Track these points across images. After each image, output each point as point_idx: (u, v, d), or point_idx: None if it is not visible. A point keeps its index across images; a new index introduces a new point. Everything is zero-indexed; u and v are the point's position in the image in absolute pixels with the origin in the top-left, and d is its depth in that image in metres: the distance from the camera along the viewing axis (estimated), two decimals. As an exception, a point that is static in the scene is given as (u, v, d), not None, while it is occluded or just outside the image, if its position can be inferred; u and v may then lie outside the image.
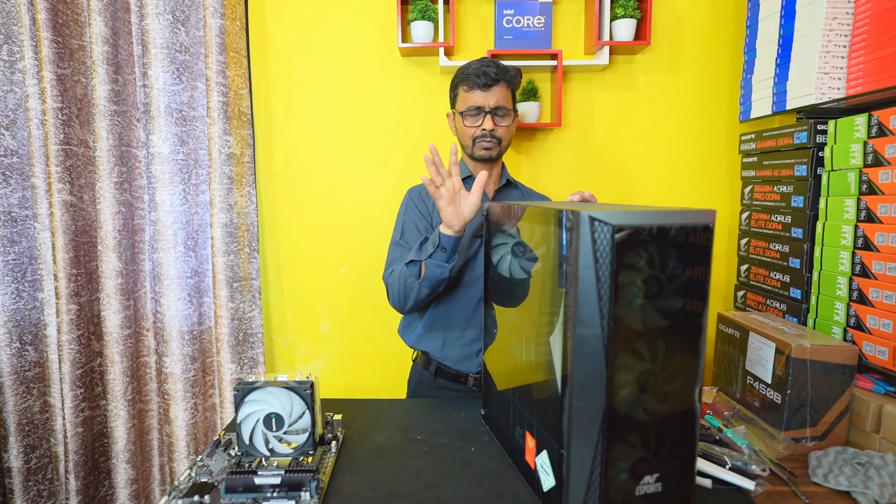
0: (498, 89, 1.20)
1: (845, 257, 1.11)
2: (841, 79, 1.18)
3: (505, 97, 1.22)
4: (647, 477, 0.69)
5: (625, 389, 0.67)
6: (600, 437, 0.67)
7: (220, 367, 1.63)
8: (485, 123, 1.21)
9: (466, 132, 1.24)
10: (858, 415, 0.98)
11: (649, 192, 1.70)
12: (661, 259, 0.65)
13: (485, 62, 1.21)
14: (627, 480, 0.69)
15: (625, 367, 0.66)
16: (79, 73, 1.55)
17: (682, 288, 0.67)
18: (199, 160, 1.63)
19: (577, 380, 0.66)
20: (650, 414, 0.68)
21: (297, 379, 0.88)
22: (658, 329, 0.67)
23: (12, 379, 1.55)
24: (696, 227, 0.67)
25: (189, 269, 1.64)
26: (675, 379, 0.69)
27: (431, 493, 0.80)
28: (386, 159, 1.68)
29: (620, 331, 0.65)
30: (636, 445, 0.68)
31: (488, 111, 1.20)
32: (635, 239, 0.63)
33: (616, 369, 0.66)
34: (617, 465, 0.68)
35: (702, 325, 0.69)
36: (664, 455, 0.70)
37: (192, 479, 0.83)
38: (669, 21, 1.63)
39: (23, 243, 1.57)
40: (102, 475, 1.67)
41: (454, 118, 1.29)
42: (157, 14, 1.51)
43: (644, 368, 0.67)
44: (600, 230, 0.63)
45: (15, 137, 1.54)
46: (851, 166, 1.10)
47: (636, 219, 0.64)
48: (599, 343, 0.65)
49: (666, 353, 0.68)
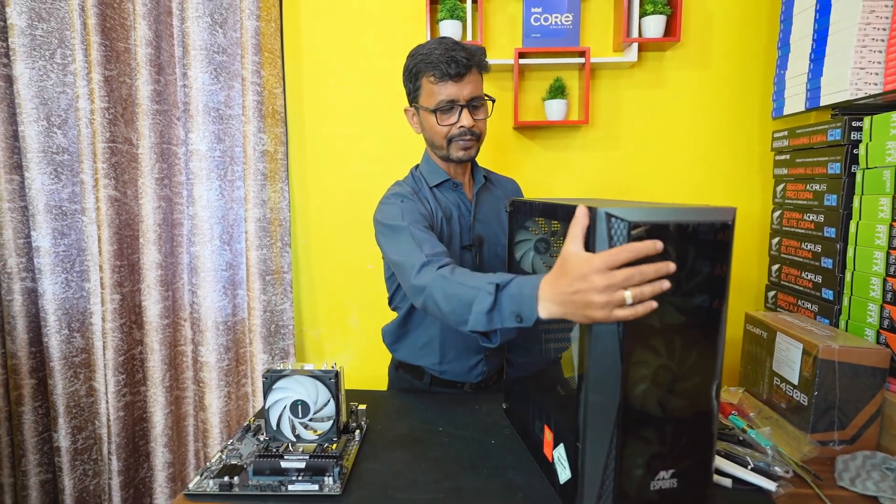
0: (471, 77, 1.03)
1: (879, 257, 1.08)
2: (878, 73, 1.14)
3: (478, 85, 1.05)
4: (663, 472, 0.70)
5: (640, 385, 0.67)
6: (615, 431, 0.68)
7: (252, 357, 1.69)
8: (463, 120, 1.04)
9: (439, 131, 1.06)
10: (890, 419, 0.95)
11: (678, 190, 1.68)
12: (679, 256, 0.65)
13: (449, 45, 1.02)
14: (642, 475, 0.69)
15: (641, 362, 0.67)
16: (124, 75, 1.63)
17: (700, 285, 0.67)
18: (235, 157, 1.69)
19: (592, 374, 0.67)
20: (666, 410, 0.69)
21: (323, 368, 0.91)
22: (675, 326, 0.67)
23: (61, 364, 1.65)
24: (714, 224, 0.67)
25: (224, 262, 1.70)
26: (693, 376, 0.69)
27: (450, 483, 0.82)
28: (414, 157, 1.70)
29: (636, 326, 0.66)
30: (652, 441, 0.69)
31: (464, 104, 1.03)
32: (652, 235, 0.64)
33: (631, 364, 0.67)
34: (632, 459, 0.69)
35: (720, 322, 0.69)
36: (680, 451, 0.70)
37: (222, 461, 0.88)
38: (700, 17, 1.60)
39: (72, 236, 1.67)
40: (142, 458, 1.76)
41: (417, 115, 1.11)
42: (197, 17, 1.57)
43: (661, 364, 0.67)
44: (616, 226, 0.64)
45: (66, 136, 1.64)
46: (887, 164, 1.07)
47: (653, 216, 0.64)
48: (615, 338, 0.66)
49: (683, 349, 0.68)
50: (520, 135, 1.69)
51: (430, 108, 1.05)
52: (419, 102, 1.08)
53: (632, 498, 0.69)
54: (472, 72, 1.03)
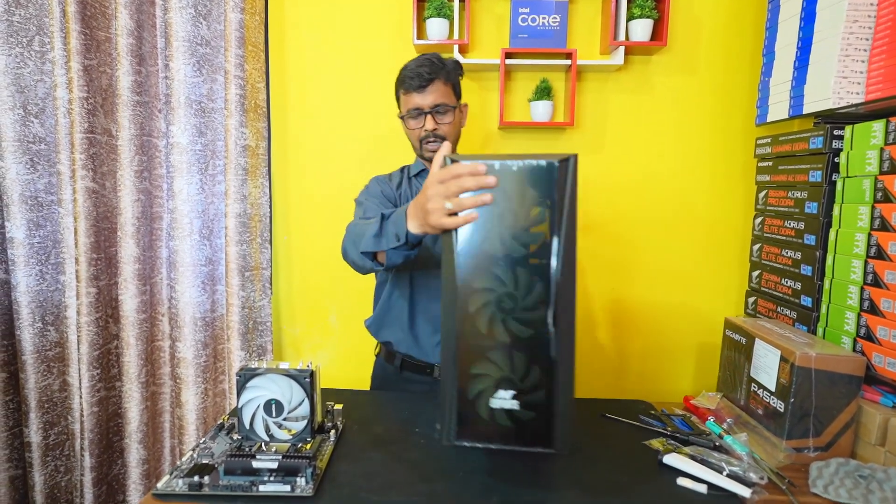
0: (434, 87, 1.18)
1: (857, 266, 1.09)
2: (860, 83, 1.15)
3: (443, 93, 1.20)
4: (502, 392, 0.75)
5: (484, 310, 0.74)
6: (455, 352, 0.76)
7: (230, 353, 1.67)
8: (426, 124, 1.20)
9: (412, 134, 1.24)
10: (864, 427, 0.96)
11: (661, 194, 1.68)
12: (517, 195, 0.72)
13: (419, 62, 1.19)
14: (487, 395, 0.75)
15: (484, 289, 0.74)
16: (104, 64, 1.59)
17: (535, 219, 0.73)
18: (216, 151, 1.66)
19: (446, 298, 0.76)
20: (511, 336, 0.74)
21: (298, 367, 0.90)
22: (515, 258, 0.73)
23: (34, 357, 1.61)
24: (543, 164, 0.72)
25: (203, 258, 1.68)
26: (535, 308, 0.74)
27: (424, 486, 0.82)
28: (398, 155, 1.69)
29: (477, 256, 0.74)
30: (498, 364, 0.75)
31: (428, 111, 1.19)
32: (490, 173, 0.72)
33: (473, 290, 0.74)
34: (475, 379, 0.75)
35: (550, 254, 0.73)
36: (525, 379, 0.75)
37: (193, 460, 0.86)
38: (687, 22, 1.61)
39: (47, 227, 1.63)
40: (116, 454, 1.72)
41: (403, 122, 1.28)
42: (181, 8, 1.55)
43: (505, 292, 0.74)
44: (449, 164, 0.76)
45: (43, 125, 1.60)
46: (867, 173, 1.07)
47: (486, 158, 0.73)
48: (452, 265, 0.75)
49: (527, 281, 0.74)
50: (505, 134, 1.69)
51: (403, 115, 1.24)
52: (400, 111, 1.27)
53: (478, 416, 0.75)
54: (434, 83, 1.18)
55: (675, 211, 1.69)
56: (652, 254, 1.70)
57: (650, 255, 1.71)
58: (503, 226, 0.73)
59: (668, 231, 1.70)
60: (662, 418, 1.07)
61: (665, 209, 1.69)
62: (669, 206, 1.69)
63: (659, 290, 1.72)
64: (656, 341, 1.74)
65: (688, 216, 1.69)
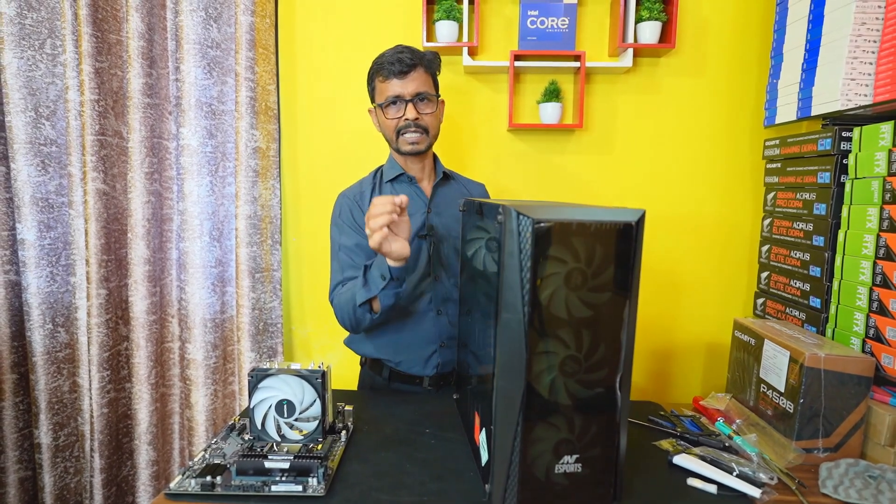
0: (416, 75, 1.13)
1: (866, 267, 1.09)
2: (868, 85, 1.15)
3: (425, 82, 1.15)
4: (567, 457, 0.73)
5: (547, 373, 0.71)
6: (520, 416, 0.71)
7: (240, 355, 1.67)
8: (407, 112, 1.13)
9: (389, 125, 1.16)
10: (874, 428, 0.96)
11: (670, 196, 1.69)
12: (585, 253, 0.69)
13: (398, 49, 1.13)
14: (548, 459, 0.73)
15: (547, 351, 0.70)
16: (115, 67, 1.61)
17: (606, 282, 0.70)
18: (227, 153, 1.68)
19: (501, 360, 0.72)
20: (572, 398, 0.72)
21: (310, 368, 0.90)
22: (583, 319, 0.71)
23: (44, 359, 1.62)
24: (618, 224, 0.70)
25: (213, 259, 1.69)
26: (598, 368, 0.72)
27: (435, 486, 0.82)
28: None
29: (541, 316, 0.69)
30: (559, 427, 0.72)
31: (409, 99, 1.13)
32: (557, 232, 0.67)
33: (536, 353, 0.70)
34: (537, 443, 0.72)
35: (623, 318, 0.72)
36: (586, 439, 0.73)
37: (205, 460, 0.87)
38: (695, 24, 1.61)
39: (58, 229, 1.65)
40: (125, 455, 1.73)
41: (376, 113, 1.21)
42: (191, 11, 1.56)
43: (568, 355, 0.71)
44: (524, 222, 0.68)
45: (55, 127, 1.61)
46: (875, 174, 1.08)
47: (559, 214, 0.69)
48: (521, 327, 0.69)
49: (589, 342, 0.71)
50: (514, 137, 1.69)
51: (380, 104, 1.16)
52: (374, 101, 1.20)
53: (538, 479, 0.73)
54: (416, 70, 1.13)
55: (684, 212, 1.69)
56: (660, 255, 1.71)
57: (659, 256, 1.71)
58: (569, 287, 0.70)
59: (676, 232, 1.70)
60: (672, 419, 1.07)
61: (674, 210, 1.69)
62: (678, 208, 1.69)
63: (668, 292, 1.72)
64: (665, 342, 1.74)
65: (696, 217, 1.69)
